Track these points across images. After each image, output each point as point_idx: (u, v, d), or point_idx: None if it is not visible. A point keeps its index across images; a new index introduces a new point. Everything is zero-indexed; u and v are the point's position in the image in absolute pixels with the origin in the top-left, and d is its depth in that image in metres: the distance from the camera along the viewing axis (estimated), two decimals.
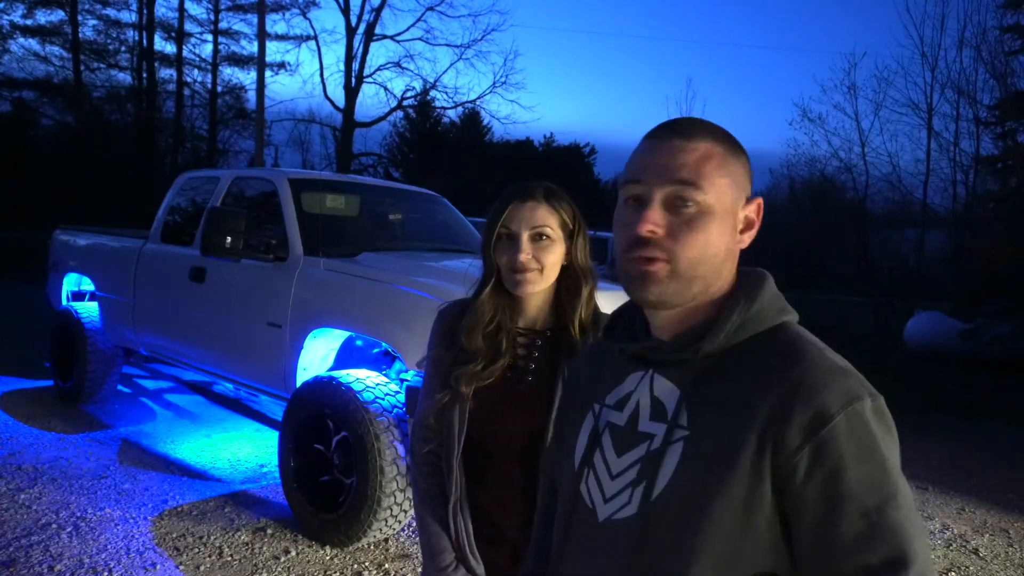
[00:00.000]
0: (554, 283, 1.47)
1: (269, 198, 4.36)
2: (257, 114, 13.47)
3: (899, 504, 0.77)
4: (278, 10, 23.10)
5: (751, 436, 0.79)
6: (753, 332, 0.86)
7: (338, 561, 3.26)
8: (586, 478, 0.94)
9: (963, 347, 9.98)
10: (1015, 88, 13.98)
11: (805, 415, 0.78)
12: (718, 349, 0.86)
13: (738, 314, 0.86)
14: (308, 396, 3.45)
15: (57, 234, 6.28)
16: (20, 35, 21.78)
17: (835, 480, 0.77)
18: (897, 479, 0.79)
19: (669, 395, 0.88)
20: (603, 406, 0.96)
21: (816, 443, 0.77)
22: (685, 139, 0.86)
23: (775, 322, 0.87)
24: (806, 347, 0.84)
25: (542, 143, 31.25)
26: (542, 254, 1.42)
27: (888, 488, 0.77)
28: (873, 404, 0.80)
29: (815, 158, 15.26)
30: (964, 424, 6.86)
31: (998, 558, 3.82)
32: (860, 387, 0.80)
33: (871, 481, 0.77)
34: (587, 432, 0.96)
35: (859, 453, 0.77)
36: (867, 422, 0.79)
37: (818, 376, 0.80)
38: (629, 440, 0.89)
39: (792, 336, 0.86)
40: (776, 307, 0.89)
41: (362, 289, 3.55)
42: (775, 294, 0.90)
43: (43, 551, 3.20)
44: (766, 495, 0.79)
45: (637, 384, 0.92)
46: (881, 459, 0.78)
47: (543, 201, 1.43)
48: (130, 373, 6.16)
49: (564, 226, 1.44)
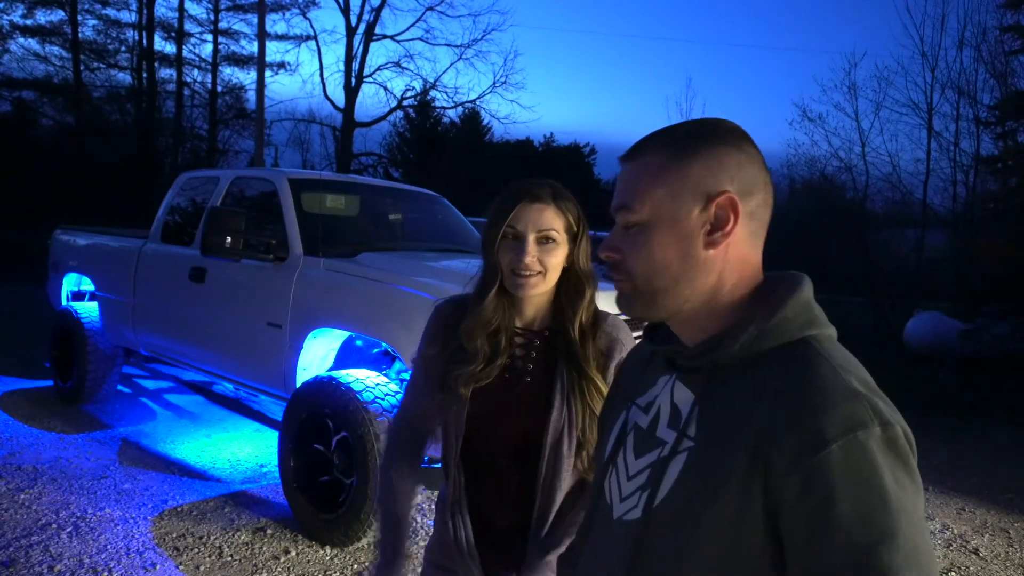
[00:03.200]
0: (555, 285, 1.46)
1: (269, 198, 4.36)
2: (257, 114, 13.47)
3: (897, 546, 0.69)
4: (278, 10, 23.12)
5: (742, 454, 0.76)
6: (774, 344, 0.81)
7: (338, 561, 3.26)
8: (610, 475, 0.94)
9: (963, 347, 9.97)
10: (1015, 88, 13.96)
11: (799, 438, 0.73)
12: (734, 358, 0.82)
13: (756, 324, 0.81)
14: (308, 396, 3.45)
15: (57, 234, 6.28)
16: (20, 35, 21.76)
17: (823, 511, 0.71)
18: (899, 519, 0.70)
19: (685, 402, 0.87)
20: (635, 405, 0.96)
21: (806, 469, 0.72)
22: (628, 161, 0.88)
23: (799, 335, 0.81)
24: (820, 365, 0.77)
25: (542, 143, 31.27)
26: (546, 257, 1.40)
27: (886, 527, 0.70)
28: (884, 434, 0.73)
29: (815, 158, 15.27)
30: (964, 424, 6.86)
31: (998, 558, 3.82)
32: (869, 414, 0.73)
33: (865, 517, 0.70)
34: (618, 429, 0.97)
35: (854, 485, 0.71)
36: (870, 452, 0.72)
37: (822, 397, 0.74)
38: (647, 444, 0.90)
39: (811, 352, 0.80)
40: (803, 319, 0.82)
41: (362, 289, 3.55)
42: (804, 304, 0.83)
43: (43, 551, 3.20)
44: (757, 515, 0.75)
45: (663, 387, 0.92)
46: (881, 493, 0.71)
47: (551, 203, 1.41)
48: (130, 373, 6.17)
49: (569, 229, 1.43)
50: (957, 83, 13.77)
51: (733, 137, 0.86)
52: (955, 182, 14.09)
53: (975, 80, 13.89)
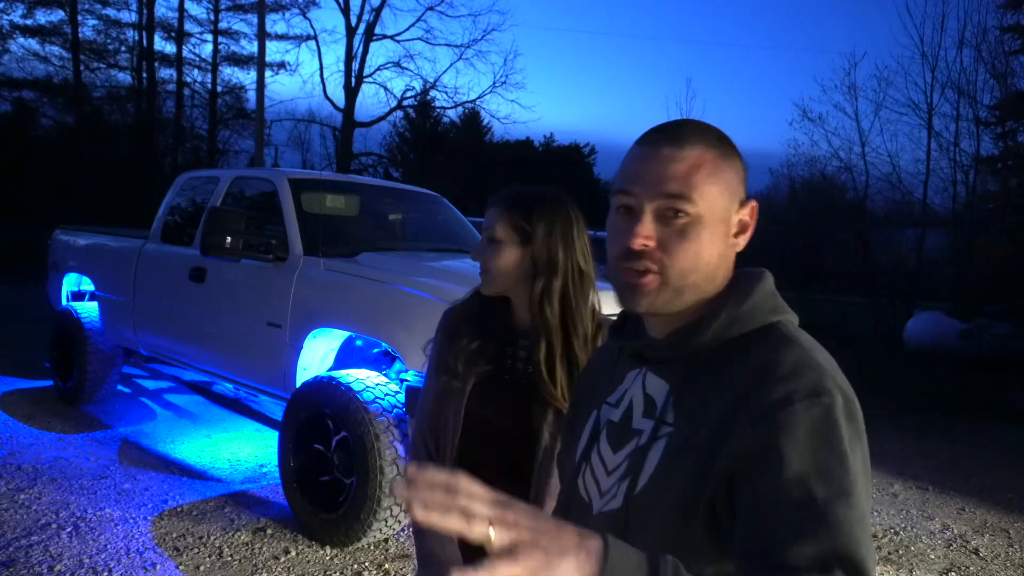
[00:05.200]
0: (530, 287, 1.45)
1: (269, 198, 4.36)
2: (257, 114, 13.47)
3: (852, 504, 0.72)
4: (278, 10, 23.12)
5: (716, 427, 0.78)
6: (743, 329, 0.85)
7: (338, 561, 3.26)
8: (583, 473, 0.95)
9: (963, 347, 9.97)
10: (1015, 88, 13.96)
11: (767, 399, 0.75)
12: (707, 345, 0.85)
13: (727, 311, 0.85)
14: (308, 396, 3.45)
15: (57, 234, 6.28)
16: (20, 35, 21.79)
17: (784, 464, 0.72)
18: (856, 480, 0.73)
19: (659, 392, 0.89)
20: (606, 404, 0.97)
21: (771, 422, 0.74)
22: (675, 147, 0.84)
23: (767, 321, 0.86)
24: (789, 344, 0.82)
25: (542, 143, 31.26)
26: (488, 257, 1.46)
27: (844, 485, 0.72)
28: (845, 406, 0.76)
29: (815, 158, 15.24)
30: (964, 424, 6.84)
31: (998, 558, 3.82)
32: (834, 385, 0.77)
33: (826, 472, 0.72)
34: (590, 429, 0.98)
35: (817, 443, 0.73)
36: (833, 416, 0.75)
37: (791, 368, 0.78)
38: (623, 436, 0.91)
39: (780, 334, 0.84)
40: (770, 306, 0.87)
41: (362, 289, 3.55)
42: (770, 293, 0.88)
43: (43, 551, 3.20)
44: (723, 482, 0.77)
45: (632, 381, 0.93)
46: (841, 455, 0.74)
47: (500, 206, 1.47)
48: (130, 373, 6.17)
49: (519, 230, 1.44)
50: (957, 83, 13.75)
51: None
52: (955, 182, 14.06)
53: (975, 80, 13.87)
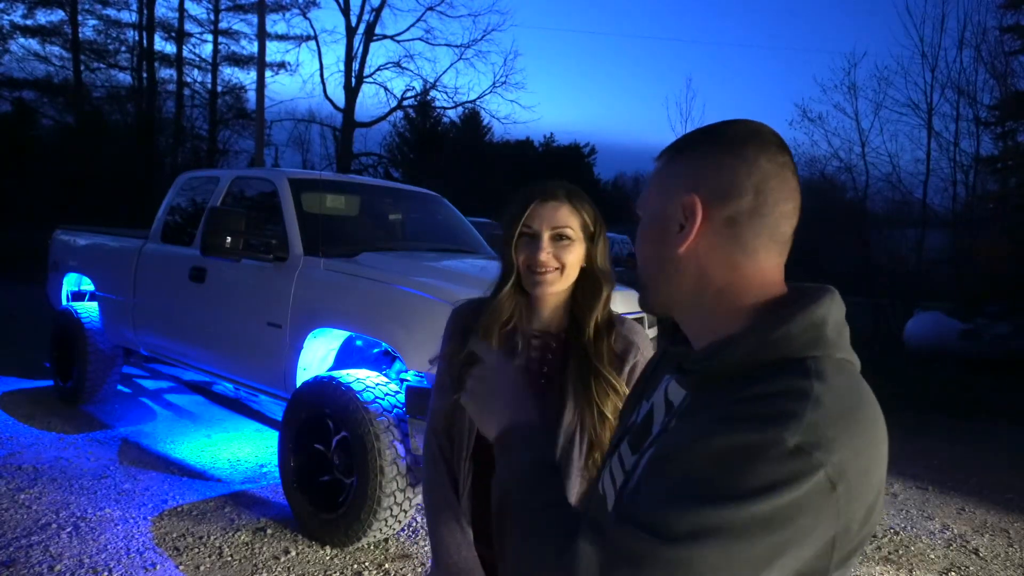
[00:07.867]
0: (571, 286, 1.46)
1: (269, 198, 4.36)
2: (257, 114, 13.47)
3: (695, 539, 0.65)
4: (278, 10, 23.15)
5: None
6: (774, 357, 0.76)
7: (338, 561, 3.26)
8: (608, 467, 0.97)
9: (963, 347, 9.97)
10: (1015, 88, 13.97)
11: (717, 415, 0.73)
12: (733, 367, 0.78)
13: (756, 335, 0.77)
14: (308, 396, 3.45)
15: (57, 234, 6.28)
16: (20, 35, 21.81)
17: (682, 439, 0.74)
18: (719, 532, 0.65)
19: (677, 399, 0.89)
20: (643, 402, 0.98)
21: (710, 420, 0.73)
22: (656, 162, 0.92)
23: (800, 355, 0.75)
24: (804, 396, 0.70)
25: (542, 143, 31.33)
26: (562, 254, 1.41)
27: (706, 513, 0.66)
28: (807, 499, 0.66)
29: (815, 158, 15.22)
30: (964, 424, 6.84)
31: (998, 558, 3.82)
32: (819, 466, 0.66)
33: (705, 482, 0.67)
34: (625, 426, 1.00)
35: (728, 461, 0.67)
36: (780, 478, 0.65)
37: (779, 410, 0.69)
38: (641, 438, 0.91)
39: (799, 374, 0.72)
40: (808, 337, 0.76)
41: (362, 289, 3.55)
42: (811, 323, 0.77)
43: (43, 551, 3.20)
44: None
45: (663, 385, 0.93)
46: (735, 496, 0.65)
47: (565, 201, 1.43)
48: (130, 373, 6.17)
49: (585, 227, 1.44)
50: (957, 83, 13.75)
51: (733, 142, 0.83)
52: (955, 182, 14.08)
53: (975, 80, 13.89)
